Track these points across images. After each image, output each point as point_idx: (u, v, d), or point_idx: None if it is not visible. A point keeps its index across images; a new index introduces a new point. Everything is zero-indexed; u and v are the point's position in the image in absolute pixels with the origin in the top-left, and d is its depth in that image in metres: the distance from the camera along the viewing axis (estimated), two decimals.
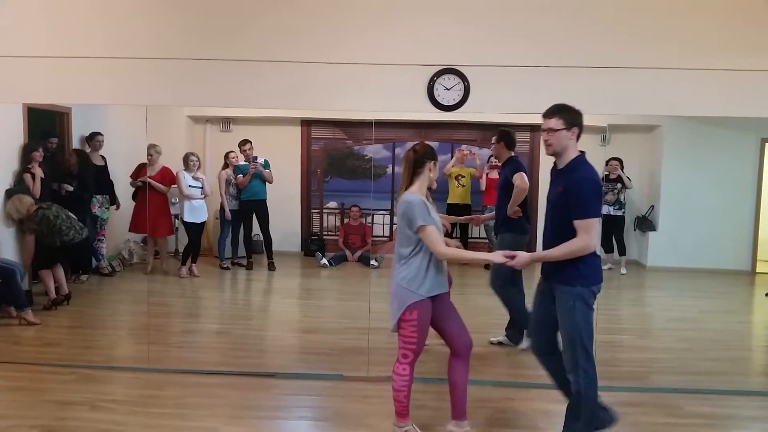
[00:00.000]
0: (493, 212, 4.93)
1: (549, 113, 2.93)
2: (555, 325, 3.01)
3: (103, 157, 6.46)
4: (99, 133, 6.38)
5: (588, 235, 2.79)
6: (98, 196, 6.44)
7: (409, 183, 3.08)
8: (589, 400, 2.94)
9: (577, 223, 2.80)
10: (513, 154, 4.73)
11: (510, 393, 3.90)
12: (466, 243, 7.91)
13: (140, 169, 6.54)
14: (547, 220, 3.06)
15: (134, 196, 6.67)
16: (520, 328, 4.71)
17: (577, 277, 2.87)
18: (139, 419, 3.43)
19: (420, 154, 3.08)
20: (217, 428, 3.32)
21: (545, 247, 3.01)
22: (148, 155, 6.40)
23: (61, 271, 5.55)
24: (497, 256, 3.00)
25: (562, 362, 3.00)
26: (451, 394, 3.20)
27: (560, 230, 2.88)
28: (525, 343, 4.58)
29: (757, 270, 7.77)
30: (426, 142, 3.15)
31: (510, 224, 4.65)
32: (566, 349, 2.95)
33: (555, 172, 3.03)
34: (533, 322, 3.22)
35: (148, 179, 6.50)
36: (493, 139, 4.81)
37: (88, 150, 6.34)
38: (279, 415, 3.56)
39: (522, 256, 2.93)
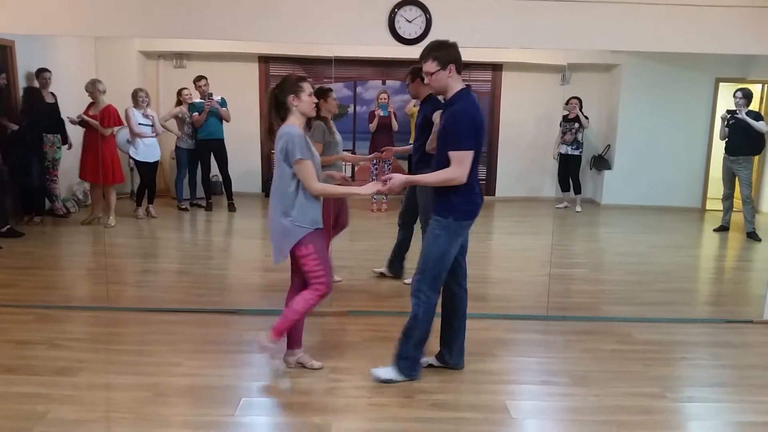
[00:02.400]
0: (410, 146, 4.95)
1: (423, 56, 2.96)
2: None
3: (53, 95, 6.18)
4: (46, 70, 6.06)
5: (460, 167, 2.85)
6: (49, 136, 6.19)
7: (279, 120, 3.05)
8: (422, 326, 3.07)
9: (451, 154, 2.87)
10: (431, 92, 4.71)
11: (467, 324, 3.98)
12: None
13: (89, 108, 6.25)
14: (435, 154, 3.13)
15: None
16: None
17: (450, 211, 2.96)
18: (101, 356, 3.43)
19: (278, 91, 3.05)
20: (179, 362, 3.35)
21: None
22: (88, 92, 6.05)
23: None
24: (369, 188, 3.02)
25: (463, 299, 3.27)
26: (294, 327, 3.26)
27: (441, 163, 2.94)
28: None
29: (707, 207, 8.05)
30: (290, 75, 3.14)
31: (428, 160, 4.70)
32: (417, 270, 3.06)
33: (443, 106, 3.09)
34: None
35: (84, 117, 6.14)
36: (407, 78, 4.75)
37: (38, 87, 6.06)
38: (242, 348, 3.59)
39: (397, 178, 2.95)
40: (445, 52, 2.91)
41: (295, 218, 3.02)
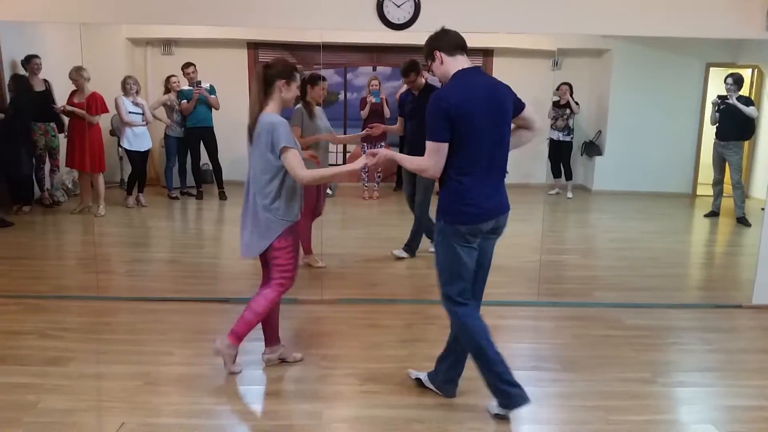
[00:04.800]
0: (397, 124, 5.14)
1: (425, 57, 2.76)
2: None
3: (46, 82, 6.08)
4: (36, 56, 5.96)
5: (429, 158, 2.56)
6: (40, 124, 6.11)
7: (263, 103, 2.89)
8: (468, 344, 2.73)
9: (426, 143, 2.59)
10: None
11: None
12: None
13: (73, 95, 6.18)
14: None
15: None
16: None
17: (442, 212, 2.67)
18: (92, 346, 3.41)
19: (270, 71, 2.87)
20: (171, 351, 3.34)
21: None
22: (72, 79, 5.97)
23: None
24: (358, 163, 2.83)
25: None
26: (267, 322, 3.16)
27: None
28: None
29: (698, 193, 8.09)
30: (284, 59, 2.95)
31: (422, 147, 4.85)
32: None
33: None
34: None
35: (67, 106, 6.06)
36: (411, 74, 4.83)
37: (26, 74, 5.98)
38: None
39: (383, 152, 2.81)
40: (426, 46, 2.71)
41: (278, 212, 2.90)
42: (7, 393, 2.87)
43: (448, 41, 2.68)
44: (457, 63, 2.66)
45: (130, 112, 6.35)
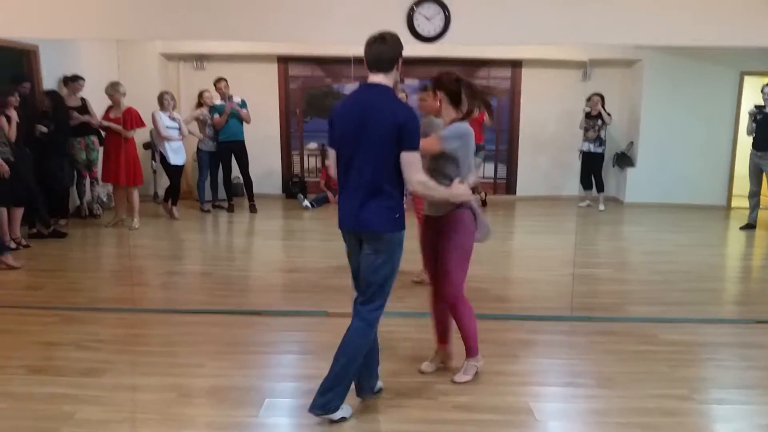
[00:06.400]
0: None
1: None
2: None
3: (82, 99, 6.26)
4: (81, 78, 6.14)
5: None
6: (80, 138, 6.26)
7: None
8: None
9: None
10: None
11: (489, 325, 3.98)
12: None
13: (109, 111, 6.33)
14: None
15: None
16: None
17: None
18: (126, 357, 3.47)
19: (453, 83, 3.17)
20: (203, 363, 3.37)
21: None
22: (108, 95, 6.12)
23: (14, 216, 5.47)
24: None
25: None
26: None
27: None
28: None
29: (733, 205, 7.92)
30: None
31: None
32: None
33: None
34: None
35: (103, 121, 6.20)
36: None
37: (65, 92, 6.15)
38: (265, 349, 3.61)
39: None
40: None
41: None
42: (45, 403, 2.92)
43: (368, 56, 2.66)
44: (370, 77, 2.68)
45: (167, 127, 6.47)
